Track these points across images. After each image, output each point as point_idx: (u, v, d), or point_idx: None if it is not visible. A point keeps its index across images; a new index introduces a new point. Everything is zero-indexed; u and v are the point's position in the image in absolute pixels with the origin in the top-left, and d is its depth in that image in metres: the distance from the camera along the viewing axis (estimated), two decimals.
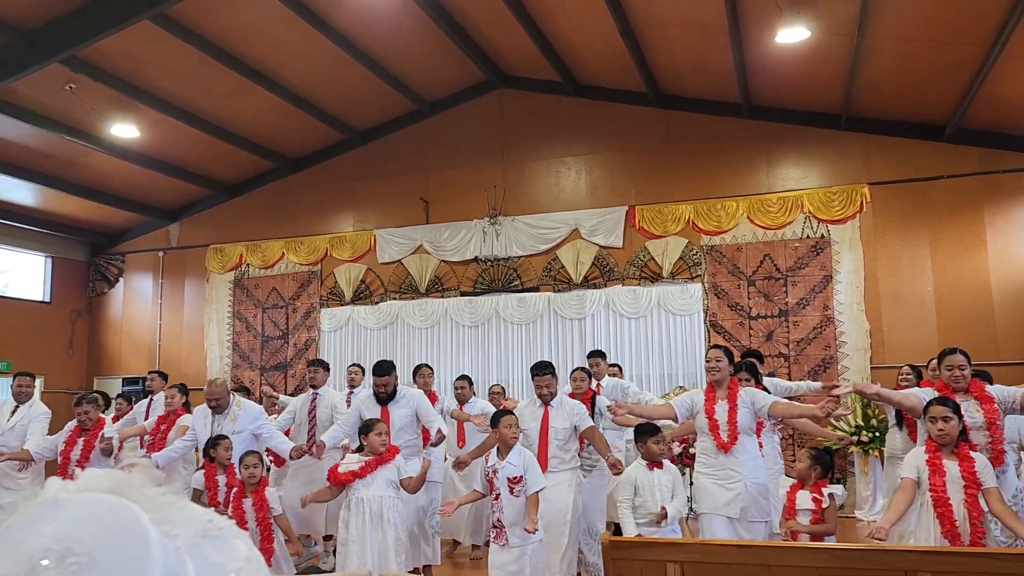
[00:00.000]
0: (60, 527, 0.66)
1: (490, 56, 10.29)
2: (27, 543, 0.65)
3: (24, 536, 0.66)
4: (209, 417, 6.20)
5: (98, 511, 0.68)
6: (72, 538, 0.65)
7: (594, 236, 10.45)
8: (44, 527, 0.67)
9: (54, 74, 8.26)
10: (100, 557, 0.64)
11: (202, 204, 12.42)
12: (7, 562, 0.65)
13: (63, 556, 0.64)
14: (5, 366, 11.46)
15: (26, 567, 0.63)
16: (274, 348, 11.77)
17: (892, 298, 9.35)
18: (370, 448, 5.01)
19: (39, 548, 0.65)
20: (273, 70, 9.33)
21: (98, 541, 0.65)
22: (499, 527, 4.64)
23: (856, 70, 8.45)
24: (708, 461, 4.83)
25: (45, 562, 0.63)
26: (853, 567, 3.19)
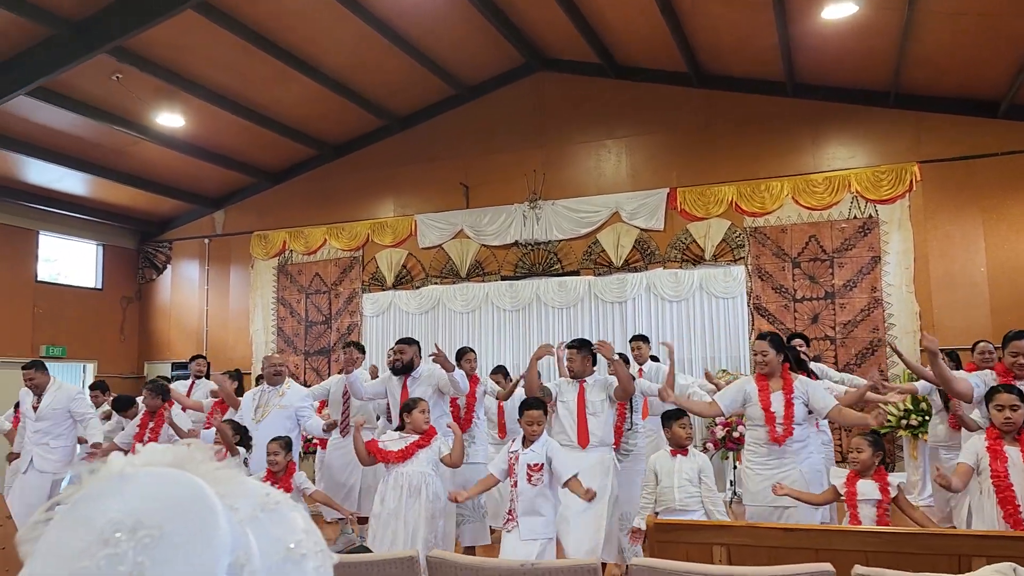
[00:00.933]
0: (129, 501, 0.68)
1: (529, 39, 10.23)
2: (98, 517, 0.67)
3: (94, 510, 0.68)
4: (258, 392, 6.37)
5: (165, 485, 0.70)
6: (142, 511, 0.66)
7: (635, 219, 10.36)
8: (113, 501, 0.68)
9: (101, 64, 8.43)
10: (170, 529, 0.66)
11: (246, 191, 12.60)
12: (79, 536, 0.66)
13: (134, 529, 0.65)
14: (61, 351, 11.80)
15: (98, 540, 0.65)
16: (317, 333, 11.93)
17: (943, 279, 9.11)
18: (413, 426, 5.01)
19: (110, 522, 0.66)
20: (314, 57, 9.39)
21: (167, 514, 0.67)
22: (512, 515, 4.50)
23: (906, 45, 8.21)
24: (759, 451, 4.68)
25: (119, 535, 0.65)
26: (905, 551, 3.13)
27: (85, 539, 0.65)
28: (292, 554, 0.73)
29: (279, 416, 6.13)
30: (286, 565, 0.73)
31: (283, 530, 0.75)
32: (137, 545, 0.64)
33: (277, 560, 0.72)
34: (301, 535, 0.75)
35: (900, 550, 3.14)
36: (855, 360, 9.29)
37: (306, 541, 0.75)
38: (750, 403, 4.77)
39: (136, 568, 0.64)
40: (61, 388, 6.94)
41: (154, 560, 0.64)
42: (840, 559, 2.91)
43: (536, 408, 4.74)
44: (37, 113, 9.27)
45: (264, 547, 0.72)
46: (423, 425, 5.01)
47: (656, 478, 4.66)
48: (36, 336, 11.62)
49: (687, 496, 4.53)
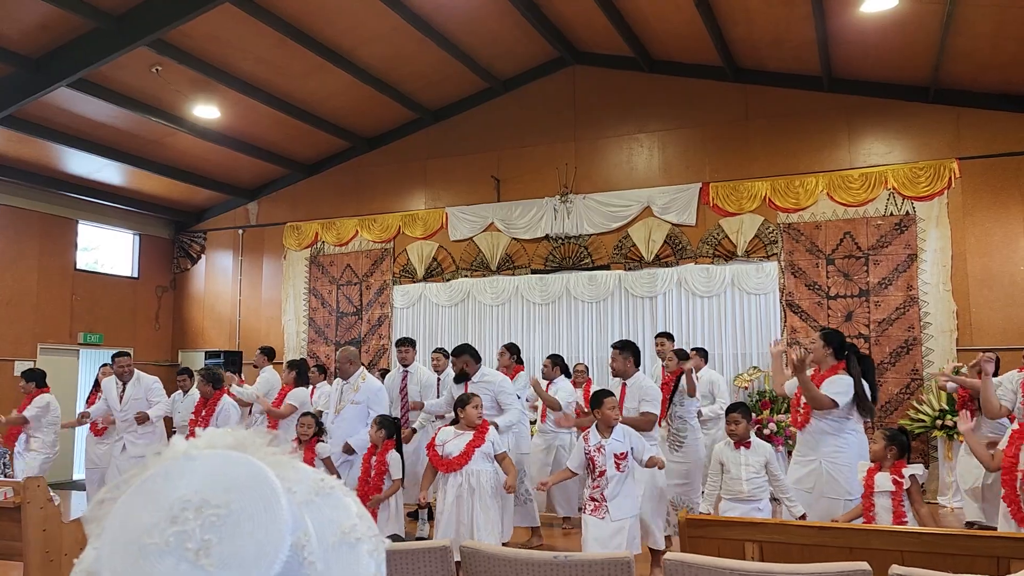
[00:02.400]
0: (195, 481, 0.70)
1: (563, 32, 10.20)
2: (166, 495, 0.70)
3: (162, 489, 0.70)
4: (336, 388, 6.69)
5: (229, 466, 0.72)
6: (207, 491, 0.69)
7: (666, 214, 10.31)
8: (180, 481, 0.71)
9: (141, 57, 8.56)
10: (235, 508, 0.68)
11: (279, 183, 12.73)
12: (148, 513, 0.69)
13: (200, 507, 0.68)
14: (98, 338, 12.03)
15: (167, 518, 0.67)
16: (348, 324, 12.03)
17: (981, 278, 8.95)
18: (466, 420, 5.18)
19: (178, 500, 0.69)
20: (348, 50, 9.45)
21: (232, 494, 0.69)
22: (599, 500, 4.69)
23: (947, 39, 8.06)
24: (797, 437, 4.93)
25: (186, 513, 0.67)
26: (940, 551, 3.09)
27: (154, 516, 0.68)
28: (347, 537, 0.75)
29: (354, 411, 6.39)
30: (341, 547, 0.75)
31: (338, 514, 0.77)
32: (204, 523, 0.67)
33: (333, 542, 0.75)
34: (356, 519, 0.77)
35: (937, 550, 3.11)
36: (889, 359, 9.17)
37: (360, 525, 0.77)
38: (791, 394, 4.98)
39: (203, 545, 0.66)
40: (140, 379, 7.65)
41: (221, 537, 0.67)
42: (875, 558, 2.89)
43: (611, 394, 5.01)
44: (78, 104, 9.44)
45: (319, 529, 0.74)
46: (476, 420, 5.18)
47: (721, 468, 4.85)
48: (74, 323, 11.86)
49: (755, 487, 4.70)
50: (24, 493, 5.01)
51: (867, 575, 2.44)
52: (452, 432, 5.22)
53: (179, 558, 0.66)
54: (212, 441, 0.78)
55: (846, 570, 2.45)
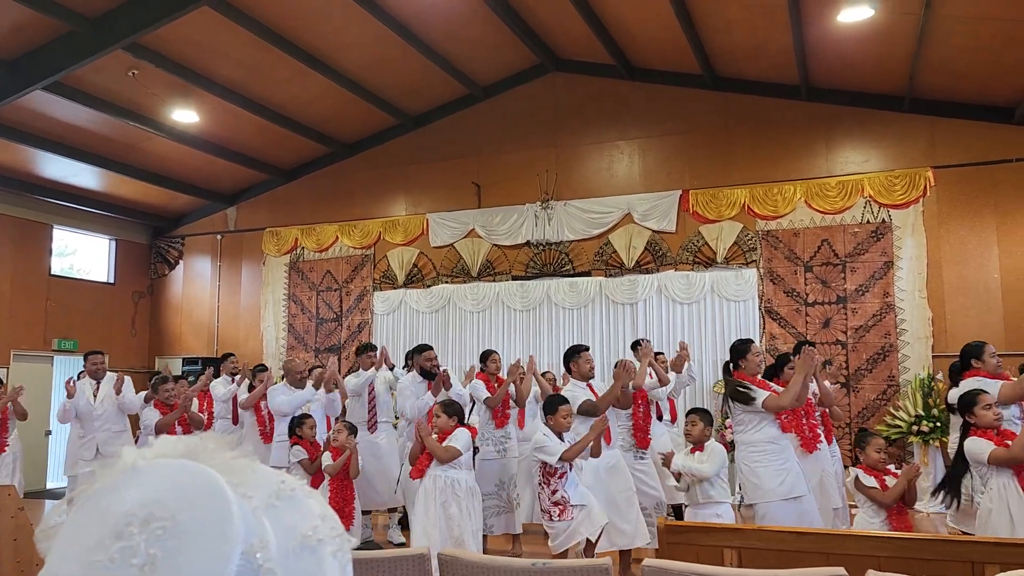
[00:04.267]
0: (141, 493, 0.69)
1: (543, 40, 10.23)
2: (112, 509, 0.68)
3: (108, 503, 0.69)
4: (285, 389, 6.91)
5: (176, 476, 0.71)
6: (154, 503, 0.67)
7: (647, 221, 10.35)
8: (127, 493, 0.69)
9: (118, 60, 8.48)
10: (182, 519, 0.67)
11: (258, 188, 12.64)
12: (94, 529, 0.67)
13: (146, 521, 0.66)
14: (72, 345, 11.87)
15: (112, 533, 0.66)
16: (328, 330, 11.96)
17: (956, 285, 9.06)
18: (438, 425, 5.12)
19: (123, 514, 0.67)
20: (328, 55, 9.42)
21: (179, 505, 0.68)
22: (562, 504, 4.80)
23: (922, 50, 8.18)
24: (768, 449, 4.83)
25: (131, 528, 0.66)
26: (918, 556, 3.12)
27: (99, 532, 0.66)
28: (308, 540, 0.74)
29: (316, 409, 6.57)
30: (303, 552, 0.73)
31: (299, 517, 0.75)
32: (149, 537, 0.65)
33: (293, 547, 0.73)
34: (317, 520, 0.76)
35: (913, 555, 3.13)
36: (866, 365, 9.25)
37: (322, 527, 0.76)
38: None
39: (149, 560, 0.64)
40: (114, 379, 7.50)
41: (167, 551, 0.65)
42: (852, 563, 2.90)
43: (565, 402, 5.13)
44: (53, 108, 9.33)
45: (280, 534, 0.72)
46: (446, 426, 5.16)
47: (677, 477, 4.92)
48: (49, 329, 11.70)
49: (712, 490, 4.74)
50: None
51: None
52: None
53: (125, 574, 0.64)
54: (162, 450, 0.76)
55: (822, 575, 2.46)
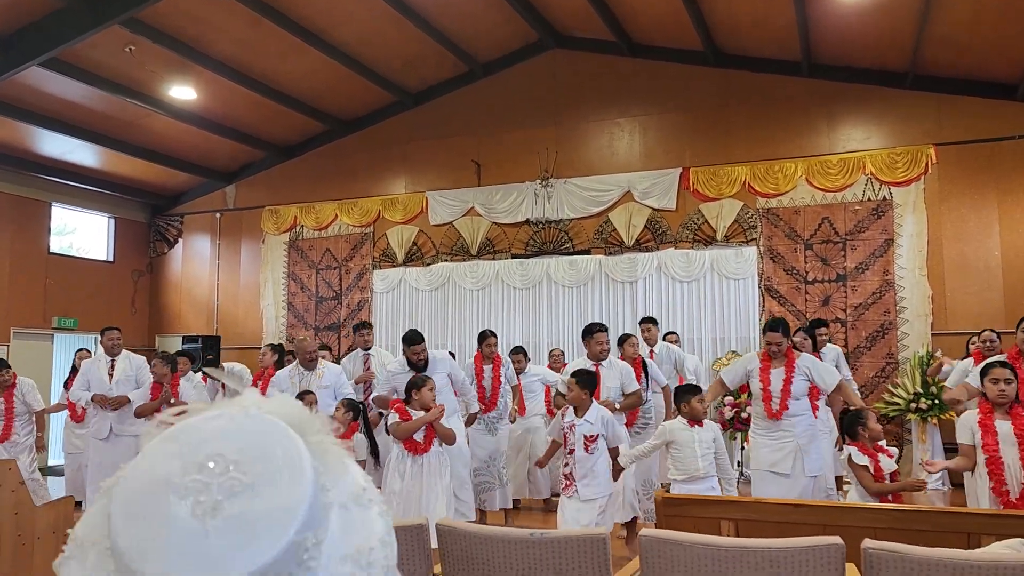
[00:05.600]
0: (237, 440, 0.72)
1: (544, 16, 10.14)
2: (207, 443, 0.71)
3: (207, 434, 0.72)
4: (297, 375, 6.47)
5: (272, 444, 0.73)
6: (241, 459, 0.70)
7: (647, 199, 10.31)
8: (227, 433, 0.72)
9: (114, 36, 8.40)
10: (258, 485, 0.69)
11: (257, 166, 12.59)
12: (186, 451, 0.70)
13: (226, 470, 0.69)
14: (72, 323, 11.88)
15: (195, 464, 0.69)
16: (328, 308, 11.96)
17: (956, 263, 9.05)
18: (421, 403, 5.10)
19: (212, 453, 0.70)
20: (326, 31, 9.34)
21: (260, 470, 0.70)
22: (570, 480, 4.77)
23: (925, 26, 8.10)
24: (762, 424, 4.98)
25: (212, 464, 0.69)
26: (913, 527, 3.13)
27: (185, 458, 0.70)
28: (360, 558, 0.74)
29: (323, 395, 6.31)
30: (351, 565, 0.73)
31: (363, 530, 0.76)
32: (224, 484, 0.68)
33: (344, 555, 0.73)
34: (376, 543, 0.76)
35: (909, 527, 3.14)
36: (865, 343, 9.25)
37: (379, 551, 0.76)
38: (752, 377, 5.07)
39: (211, 504, 0.67)
40: (130, 358, 7.35)
41: (231, 505, 0.67)
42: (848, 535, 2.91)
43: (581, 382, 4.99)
44: (50, 84, 9.27)
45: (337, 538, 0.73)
46: (430, 403, 5.10)
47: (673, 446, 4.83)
48: (48, 308, 11.70)
49: (708, 464, 4.73)
50: None
51: (840, 549, 2.45)
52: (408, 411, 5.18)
53: (188, 507, 0.67)
54: (278, 409, 0.78)
55: (819, 544, 2.46)
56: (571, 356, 9.86)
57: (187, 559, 0.65)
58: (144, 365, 7.38)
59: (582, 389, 4.84)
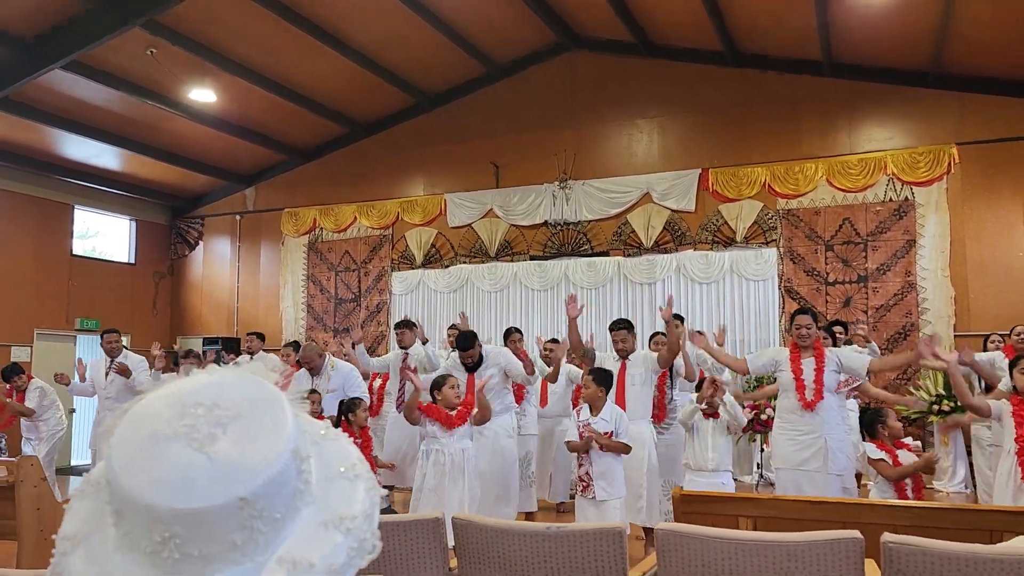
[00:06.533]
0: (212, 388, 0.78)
1: (562, 17, 10.14)
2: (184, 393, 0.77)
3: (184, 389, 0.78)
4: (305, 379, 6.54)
5: (245, 383, 0.80)
6: (222, 397, 0.76)
7: (666, 200, 10.27)
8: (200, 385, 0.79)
9: (136, 38, 8.50)
10: (244, 414, 0.75)
11: (277, 168, 12.68)
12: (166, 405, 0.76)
13: (212, 408, 0.75)
14: (94, 324, 12.00)
15: (180, 412, 0.75)
16: (347, 310, 12.01)
17: (979, 263, 8.93)
18: (444, 402, 5.08)
19: (193, 399, 0.76)
20: (346, 33, 9.40)
21: (244, 403, 0.77)
22: (587, 480, 4.71)
23: (948, 24, 8.02)
24: (790, 419, 4.85)
25: (199, 409, 0.74)
26: (934, 525, 3.08)
27: (170, 410, 0.75)
28: (347, 473, 0.81)
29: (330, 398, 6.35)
30: (340, 480, 0.80)
31: (341, 453, 0.83)
32: (213, 419, 0.74)
33: (332, 475, 0.80)
34: (356, 460, 0.83)
35: (930, 524, 3.09)
36: (887, 345, 9.14)
37: (360, 466, 0.83)
38: (781, 369, 4.95)
39: (208, 436, 0.72)
40: (128, 357, 7.54)
41: (226, 431, 0.73)
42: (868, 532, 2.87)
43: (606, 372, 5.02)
44: (72, 87, 9.39)
45: (322, 463, 0.80)
46: (453, 400, 5.08)
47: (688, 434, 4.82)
48: (71, 309, 11.83)
49: (720, 458, 4.73)
50: (17, 472, 5.00)
51: (858, 543, 2.42)
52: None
53: (185, 444, 0.72)
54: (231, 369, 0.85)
55: (837, 538, 2.43)
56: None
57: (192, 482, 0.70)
58: (141, 364, 7.54)
59: (598, 386, 4.81)
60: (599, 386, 4.82)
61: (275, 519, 0.72)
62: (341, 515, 0.77)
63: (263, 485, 0.71)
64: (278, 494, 0.72)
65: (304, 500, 0.76)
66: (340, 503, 0.78)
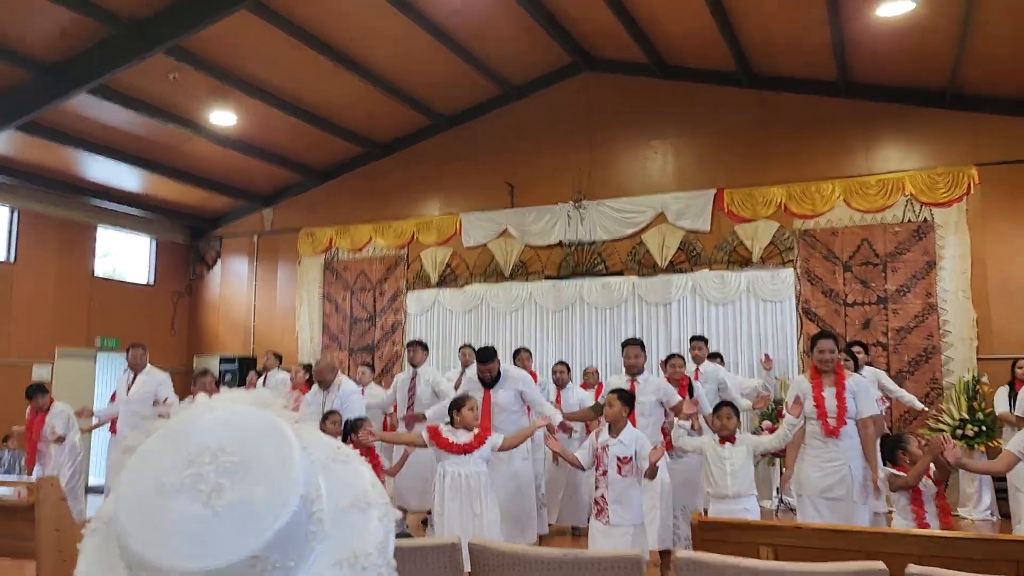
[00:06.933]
0: (215, 430, 0.76)
1: (576, 39, 10.20)
2: (186, 440, 0.75)
3: (184, 434, 0.76)
4: (318, 394, 6.55)
5: (248, 419, 0.78)
6: (226, 440, 0.74)
7: (681, 220, 10.25)
8: (201, 428, 0.76)
9: (159, 63, 8.62)
10: (250, 458, 0.73)
11: (294, 189, 12.79)
12: (168, 454, 0.74)
13: (217, 454, 0.73)
14: (114, 343, 12.10)
15: (185, 459, 0.73)
16: (362, 330, 12.04)
17: (1001, 285, 8.83)
18: (462, 423, 5.04)
19: (196, 444, 0.74)
20: (363, 56, 9.50)
21: (248, 445, 0.74)
22: (602, 504, 4.62)
23: (964, 45, 7.99)
24: (813, 445, 4.82)
25: (204, 456, 0.72)
26: (961, 555, 3.03)
27: (172, 459, 0.73)
28: (359, 502, 0.79)
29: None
30: (352, 511, 0.78)
31: (352, 480, 0.81)
32: (219, 468, 0.72)
33: (344, 506, 0.78)
34: (368, 486, 0.81)
35: (956, 555, 3.04)
36: (908, 368, 9.05)
37: (372, 492, 0.81)
38: (805, 398, 4.89)
39: (216, 487, 0.71)
40: (152, 373, 7.55)
41: (233, 482, 0.71)
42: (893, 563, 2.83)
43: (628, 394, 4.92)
44: (97, 110, 9.53)
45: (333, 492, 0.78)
46: (472, 423, 5.05)
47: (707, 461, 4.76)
48: (91, 328, 11.94)
49: (740, 483, 4.62)
50: (37, 492, 5.02)
51: (883, 575, 2.38)
52: (447, 430, 5.07)
53: (192, 498, 0.70)
54: (234, 397, 0.83)
55: (862, 570, 2.40)
56: (604, 376, 9.81)
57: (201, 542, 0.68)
58: (164, 381, 7.55)
59: (623, 405, 4.76)
60: (624, 405, 4.76)
61: (288, 567, 0.71)
62: (355, 552, 0.75)
63: (274, 538, 0.69)
64: (289, 542, 0.71)
65: (317, 538, 0.74)
66: (354, 538, 0.76)
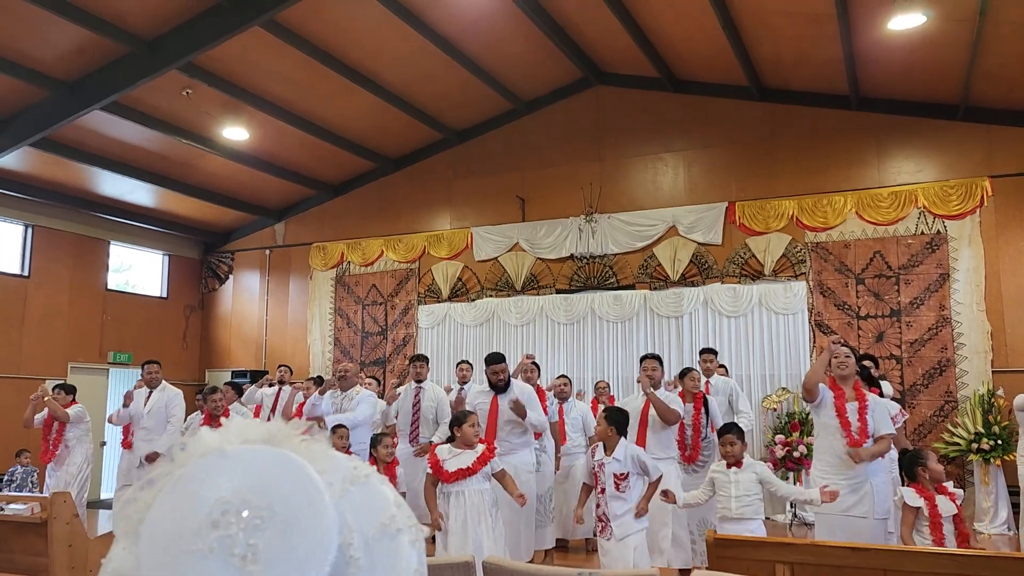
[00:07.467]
0: (234, 480, 0.67)
1: (587, 53, 10.23)
2: (204, 496, 0.66)
3: (200, 489, 0.67)
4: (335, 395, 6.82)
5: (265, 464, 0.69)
6: (248, 491, 0.66)
7: (692, 233, 10.24)
8: (218, 480, 0.68)
9: (172, 80, 8.71)
10: (279, 510, 0.65)
11: (306, 204, 12.85)
12: (188, 516, 0.66)
13: (242, 510, 0.65)
14: (127, 358, 12.16)
15: (208, 521, 0.65)
16: (373, 344, 12.05)
17: (1016, 298, 8.77)
18: (463, 439, 5.00)
19: (218, 502, 0.66)
20: (374, 71, 9.55)
21: (274, 495, 0.66)
22: (604, 520, 4.67)
23: (976, 58, 7.97)
24: (832, 462, 4.69)
25: (228, 517, 0.65)
26: (977, 574, 2.99)
27: (194, 521, 0.65)
28: (387, 528, 0.72)
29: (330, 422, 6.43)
30: (382, 539, 0.72)
31: (375, 504, 0.74)
32: (248, 527, 0.64)
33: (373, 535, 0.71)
34: (393, 509, 0.74)
35: (974, 573, 3.01)
36: (922, 380, 8.99)
37: (399, 516, 0.74)
38: (824, 407, 4.76)
39: (249, 550, 0.63)
40: (166, 389, 7.67)
41: (267, 541, 0.64)
42: None
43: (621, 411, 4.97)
44: (111, 127, 9.62)
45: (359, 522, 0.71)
46: (472, 439, 5.02)
47: (713, 488, 4.73)
48: (104, 343, 12.00)
49: (743, 506, 4.57)
50: (50, 509, 5.03)
51: None
52: (448, 450, 5.02)
53: (225, 564, 0.63)
54: (245, 434, 0.74)
55: None
56: (616, 390, 9.80)
57: None
58: (176, 397, 7.64)
59: (608, 425, 4.77)
60: (610, 426, 4.78)
61: None
62: None
63: None
64: None
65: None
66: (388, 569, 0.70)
